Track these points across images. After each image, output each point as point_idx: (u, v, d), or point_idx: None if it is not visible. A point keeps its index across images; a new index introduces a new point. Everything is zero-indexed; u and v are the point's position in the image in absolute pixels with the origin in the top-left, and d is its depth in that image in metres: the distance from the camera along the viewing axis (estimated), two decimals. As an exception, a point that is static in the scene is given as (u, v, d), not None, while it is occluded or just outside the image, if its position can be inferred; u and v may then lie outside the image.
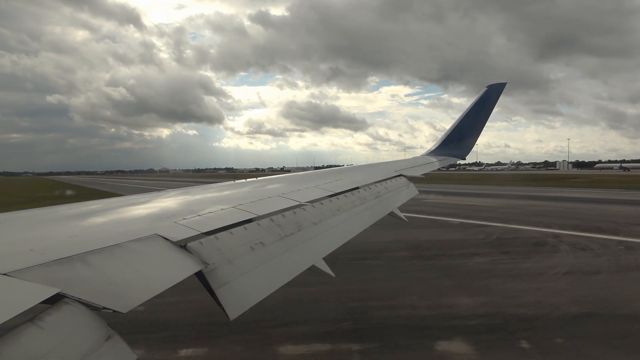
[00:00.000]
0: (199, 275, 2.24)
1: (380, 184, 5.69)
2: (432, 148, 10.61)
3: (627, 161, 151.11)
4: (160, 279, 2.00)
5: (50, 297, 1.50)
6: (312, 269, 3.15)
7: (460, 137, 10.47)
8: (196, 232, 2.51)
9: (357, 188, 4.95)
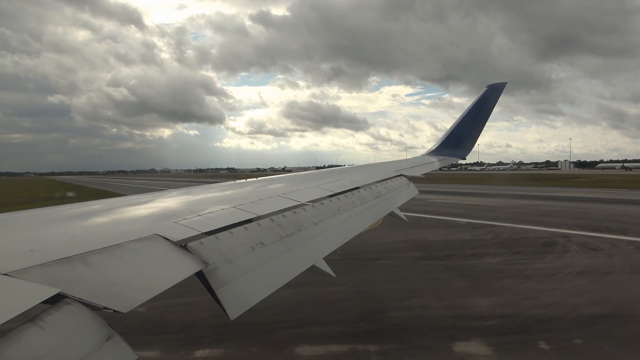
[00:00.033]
0: (200, 275, 2.23)
1: (380, 184, 5.67)
2: (433, 148, 10.57)
3: (629, 161, 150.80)
4: (161, 279, 1.99)
5: (50, 297, 1.50)
6: (313, 269, 3.13)
7: (460, 137, 10.43)
8: (196, 232, 2.51)
9: (358, 188, 4.93)
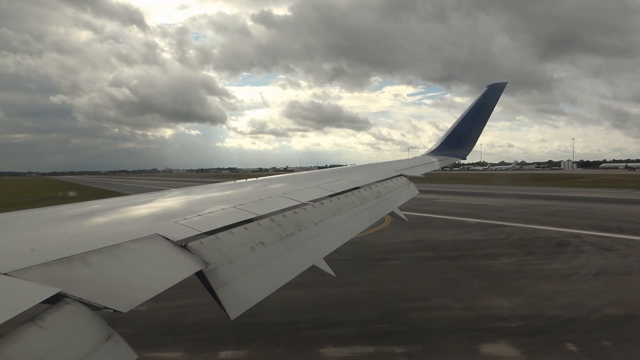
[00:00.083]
0: (200, 275, 2.22)
1: (380, 184, 5.66)
2: (433, 148, 10.52)
3: (632, 161, 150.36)
4: (161, 278, 1.99)
5: (51, 297, 1.50)
6: (313, 268, 3.13)
7: (460, 136, 10.39)
8: (197, 232, 2.50)
9: (358, 188, 4.92)
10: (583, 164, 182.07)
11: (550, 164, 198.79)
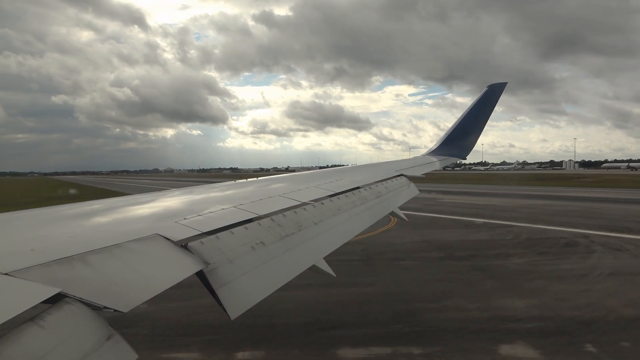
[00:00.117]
0: (200, 275, 2.23)
1: (381, 184, 5.65)
2: (433, 148, 10.51)
3: (634, 160, 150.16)
4: (161, 278, 1.99)
5: (51, 297, 1.50)
6: (313, 268, 3.13)
7: (461, 136, 10.38)
8: (197, 232, 2.51)
9: (358, 188, 4.90)
10: (585, 164, 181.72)
11: (552, 164, 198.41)
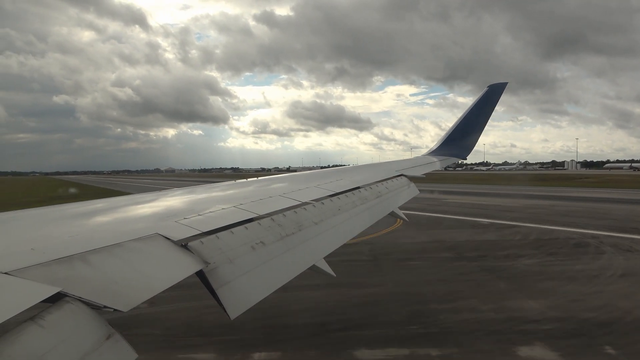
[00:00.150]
0: (200, 274, 2.22)
1: (381, 184, 5.64)
2: (433, 148, 10.51)
3: (636, 161, 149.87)
4: (161, 278, 1.99)
5: (51, 296, 1.50)
6: (313, 268, 3.13)
7: (461, 137, 10.37)
8: (197, 232, 2.50)
9: (358, 188, 4.90)
10: (587, 164, 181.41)
11: (554, 164, 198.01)
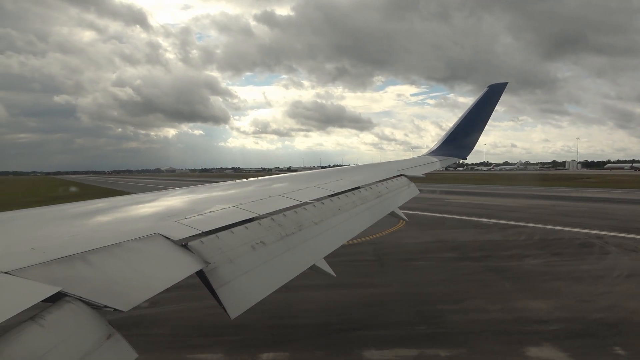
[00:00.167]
0: (200, 274, 2.22)
1: (381, 184, 5.64)
2: (434, 148, 10.50)
3: (637, 161, 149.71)
4: (161, 278, 1.99)
5: (51, 296, 1.50)
6: (313, 268, 3.14)
7: (461, 137, 10.37)
8: (197, 231, 2.50)
9: (358, 188, 4.89)
10: (587, 164, 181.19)
11: (555, 164, 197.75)
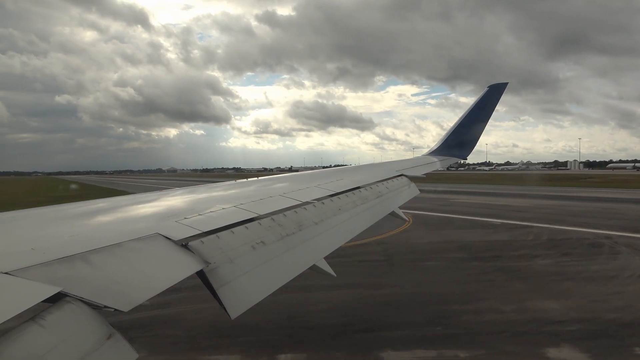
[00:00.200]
0: (201, 274, 2.22)
1: (381, 184, 5.65)
2: (434, 148, 10.50)
3: (639, 161, 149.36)
4: (161, 278, 2.00)
5: (51, 296, 1.50)
6: (313, 268, 3.14)
7: (461, 137, 10.39)
8: (198, 231, 2.50)
9: (359, 188, 4.91)
10: (589, 164, 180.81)
11: (557, 164, 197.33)
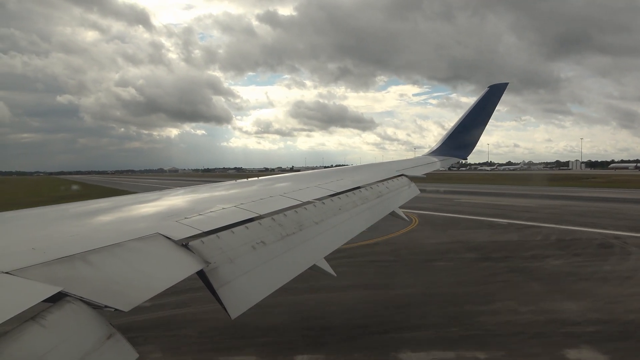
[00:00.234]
0: (201, 274, 2.22)
1: (381, 184, 5.65)
2: (434, 148, 10.48)
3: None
4: (162, 278, 1.99)
5: (52, 296, 1.50)
6: (314, 268, 3.14)
7: (462, 137, 10.36)
8: (198, 231, 2.50)
9: (359, 188, 4.91)
10: (591, 164, 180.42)
11: (558, 164, 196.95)
